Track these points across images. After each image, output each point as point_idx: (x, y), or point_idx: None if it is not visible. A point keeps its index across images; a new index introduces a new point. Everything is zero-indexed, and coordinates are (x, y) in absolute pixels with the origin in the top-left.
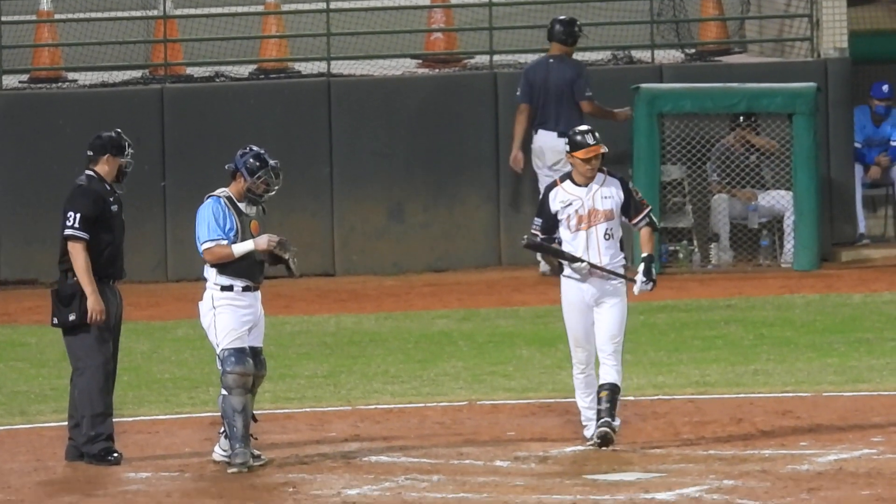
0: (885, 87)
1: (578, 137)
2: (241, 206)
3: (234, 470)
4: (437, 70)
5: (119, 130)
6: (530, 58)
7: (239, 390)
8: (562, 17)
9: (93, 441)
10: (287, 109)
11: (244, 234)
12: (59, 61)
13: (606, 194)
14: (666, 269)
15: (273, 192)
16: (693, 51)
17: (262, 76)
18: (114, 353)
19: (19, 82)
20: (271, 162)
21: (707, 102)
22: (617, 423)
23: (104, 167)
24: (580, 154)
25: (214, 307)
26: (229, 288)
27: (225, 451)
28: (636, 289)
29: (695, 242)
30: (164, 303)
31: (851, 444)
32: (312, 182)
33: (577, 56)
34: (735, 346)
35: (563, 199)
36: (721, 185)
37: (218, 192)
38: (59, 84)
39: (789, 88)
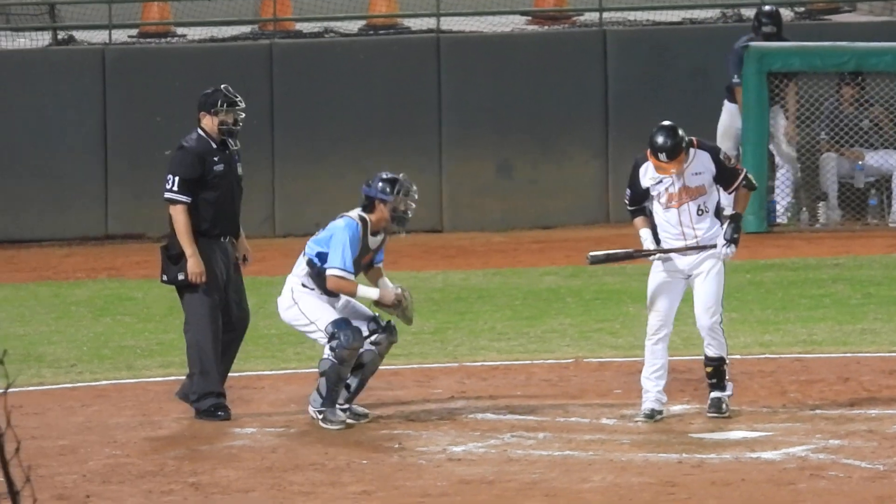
0: None
1: (656, 143)
2: (370, 239)
3: (333, 427)
4: (546, 27)
5: (224, 86)
6: (639, 16)
7: (349, 362)
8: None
9: (201, 398)
10: (396, 65)
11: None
12: (168, 16)
13: (697, 169)
14: (773, 227)
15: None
16: (802, 9)
17: (371, 32)
18: (231, 309)
19: (128, 37)
20: (400, 177)
21: (816, 61)
22: (728, 392)
23: (207, 124)
24: (652, 160)
25: (295, 301)
26: (312, 289)
27: (316, 408)
28: (719, 254)
29: (802, 201)
30: (271, 258)
31: None
32: (421, 138)
33: (685, 14)
34: (842, 305)
35: (654, 175)
36: (829, 143)
37: (355, 214)
38: (168, 39)
39: None
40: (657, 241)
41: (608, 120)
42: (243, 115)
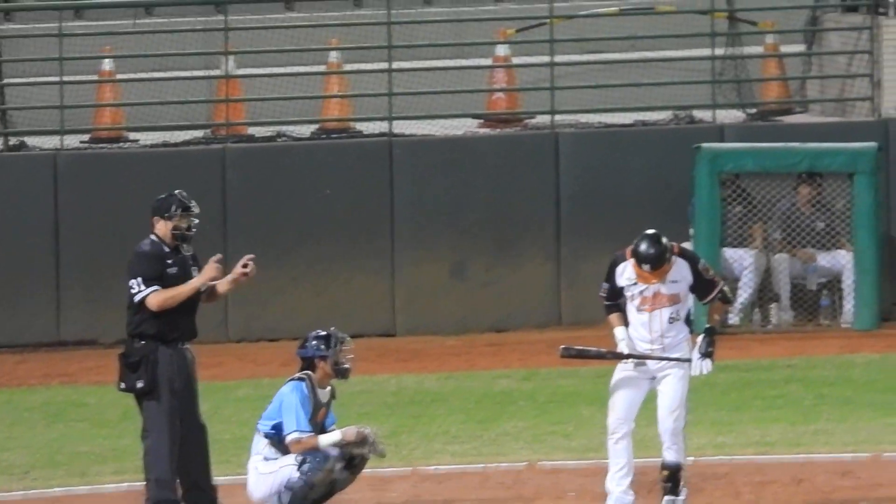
0: None
1: (640, 253)
2: (319, 392)
3: None
4: (498, 130)
5: (178, 191)
6: (592, 118)
7: (318, 488)
8: None
9: None
10: (349, 169)
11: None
12: (121, 121)
13: (675, 277)
14: (727, 329)
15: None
16: (754, 110)
17: (324, 136)
18: (188, 416)
19: (81, 142)
20: (332, 331)
21: (768, 162)
22: (682, 497)
23: (161, 229)
24: (635, 268)
25: (263, 472)
26: (275, 458)
27: None
28: (693, 369)
29: (755, 303)
30: (226, 362)
31: None
32: (374, 241)
33: (637, 116)
34: (796, 406)
35: (630, 276)
36: (782, 244)
37: (300, 374)
38: (121, 144)
39: (850, 148)
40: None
41: (560, 222)
42: (197, 220)
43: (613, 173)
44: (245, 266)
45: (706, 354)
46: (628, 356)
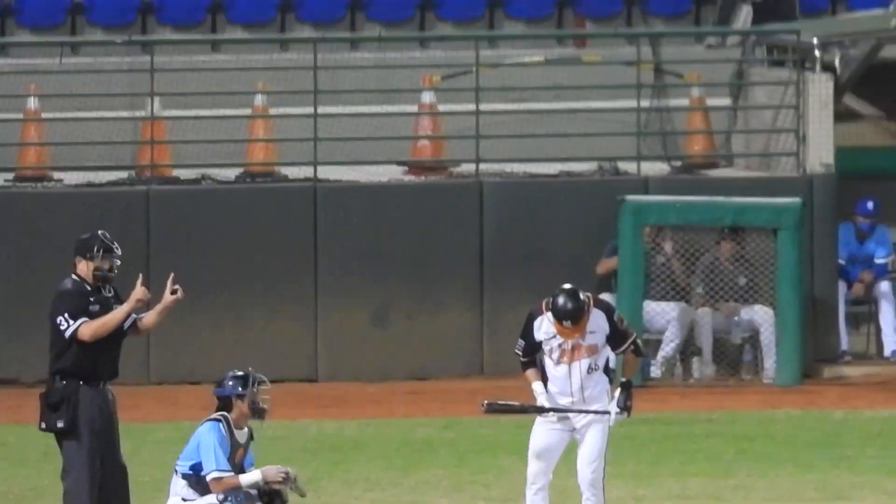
0: (870, 204)
1: (559, 309)
2: (237, 433)
3: None
4: (423, 177)
5: (101, 232)
6: (517, 167)
7: None
8: None
9: None
10: (273, 213)
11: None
12: (46, 160)
13: (592, 328)
14: (648, 382)
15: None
16: (679, 163)
17: (249, 179)
18: (109, 456)
19: (5, 181)
20: (250, 372)
21: (692, 215)
22: None
23: (82, 269)
24: (555, 325)
25: None
26: (192, 500)
27: None
28: (611, 419)
29: (677, 356)
30: (145, 404)
31: None
32: (296, 286)
33: (562, 166)
34: (716, 460)
35: (548, 330)
36: (705, 298)
37: (216, 415)
38: (45, 183)
39: (775, 203)
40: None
41: (483, 271)
42: (119, 261)
43: (537, 223)
44: (174, 292)
45: (624, 408)
46: (550, 409)
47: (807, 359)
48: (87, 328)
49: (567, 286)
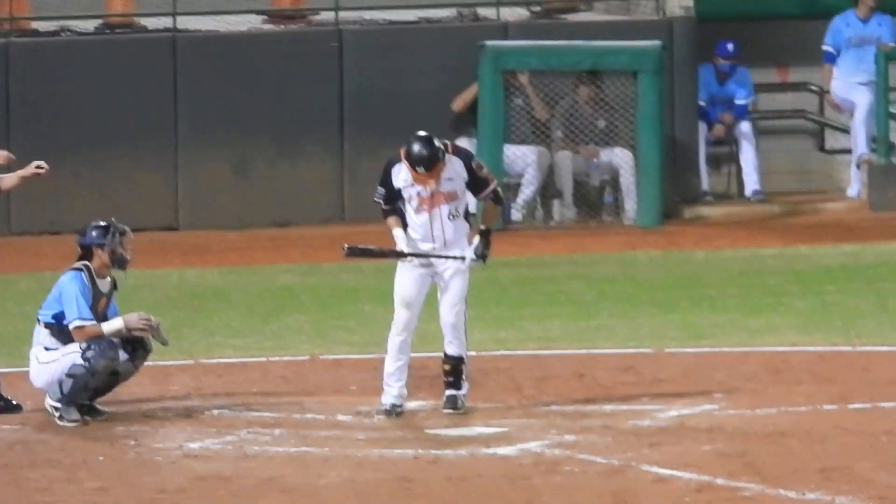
0: (730, 46)
1: (413, 155)
2: (99, 282)
3: (69, 424)
4: (282, 26)
5: None
6: (376, 15)
7: (101, 375)
8: None
9: None
10: (133, 65)
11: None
12: None
13: (450, 175)
14: (509, 226)
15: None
16: (538, 8)
17: (108, 31)
18: None
19: None
20: (110, 221)
21: (552, 60)
22: (463, 391)
23: None
24: (410, 171)
25: (43, 362)
26: (55, 349)
27: (55, 404)
28: (465, 264)
29: (536, 199)
30: (7, 255)
31: (693, 399)
32: (157, 137)
33: (421, 13)
34: (578, 303)
35: (406, 178)
36: (564, 141)
37: (78, 264)
38: None
39: (634, 46)
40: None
41: (343, 119)
42: None
43: (397, 70)
44: (38, 167)
45: (481, 256)
46: (410, 254)
47: (667, 200)
48: None
49: (421, 133)
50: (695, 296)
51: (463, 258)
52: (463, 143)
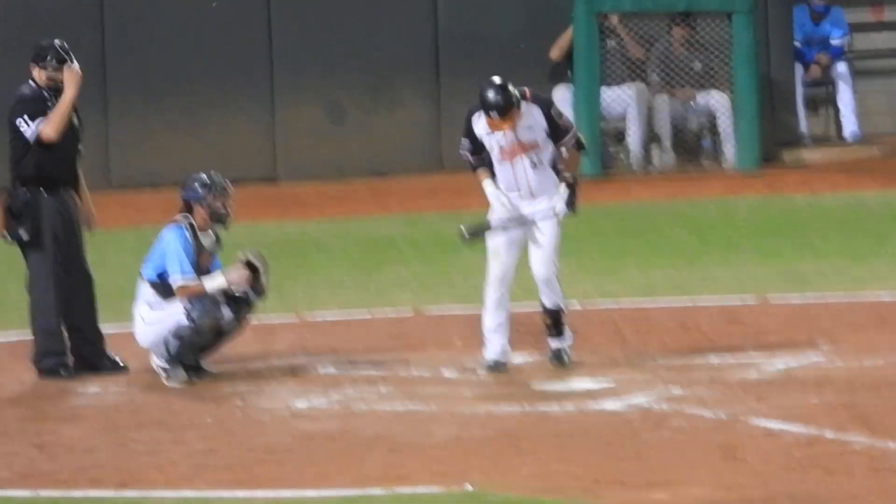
0: None
1: (486, 101)
2: (201, 236)
3: (176, 384)
4: None
5: (59, 42)
6: None
7: (207, 334)
8: None
9: (43, 357)
10: (227, 13)
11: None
12: None
13: (528, 123)
14: (608, 170)
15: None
16: None
17: None
18: (74, 265)
19: None
20: (211, 175)
21: (646, 2)
22: (568, 341)
23: (37, 76)
24: (485, 117)
25: (150, 322)
26: (160, 306)
27: (162, 364)
28: (558, 215)
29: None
30: (108, 209)
31: (799, 350)
32: (253, 86)
33: None
34: (680, 251)
35: (485, 126)
36: (661, 85)
37: (178, 218)
38: None
39: None
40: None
41: (439, 64)
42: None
43: (491, 12)
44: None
45: (570, 206)
46: (518, 218)
47: (766, 143)
48: (47, 125)
49: (495, 78)
50: (797, 242)
51: (553, 212)
52: (560, 89)
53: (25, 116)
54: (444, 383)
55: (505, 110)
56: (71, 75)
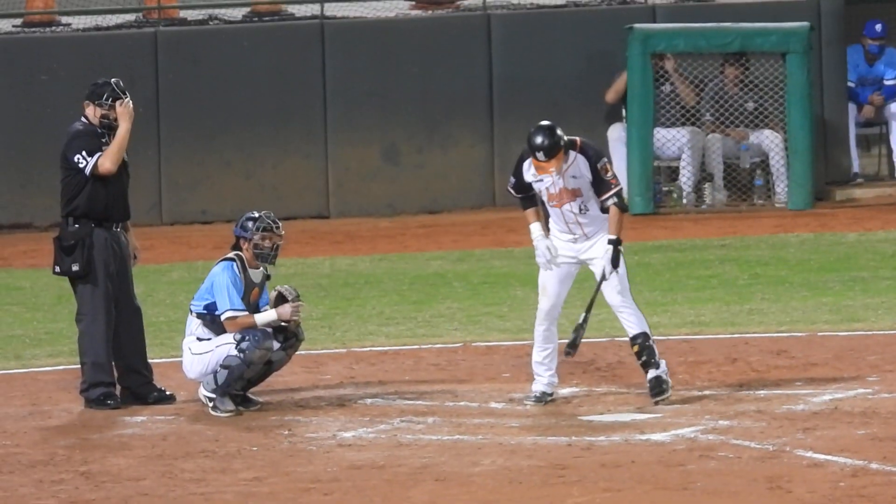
0: (878, 26)
1: (533, 143)
2: (251, 272)
3: (223, 415)
4: (430, 11)
5: (115, 80)
6: None
7: (256, 365)
8: None
9: (91, 387)
10: (280, 52)
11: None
12: (53, 5)
13: (575, 173)
14: (660, 208)
15: (280, 243)
16: None
17: (256, 18)
18: (123, 299)
19: (13, 26)
20: (262, 214)
21: (700, 42)
22: (663, 367)
23: (90, 113)
24: (532, 159)
25: (196, 353)
26: (208, 339)
27: (209, 395)
28: (605, 277)
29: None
30: (159, 245)
31: (846, 383)
32: (306, 124)
33: None
34: (729, 286)
35: (534, 172)
36: (714, 124)
37: (230, 255)
38: (53, 28)
39: (783, 27)
40: (547, 230)
41: (493, 104)
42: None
43: (545, 54)
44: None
45: (613, 263)
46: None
47: (818, 182)
48: (106, 157)
49: (544, 122)
50: (847, 278)
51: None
52: (616, 128)
53: (84, 153)
54: (491, 414)
55: (550, 152)
56: (124, 110)
